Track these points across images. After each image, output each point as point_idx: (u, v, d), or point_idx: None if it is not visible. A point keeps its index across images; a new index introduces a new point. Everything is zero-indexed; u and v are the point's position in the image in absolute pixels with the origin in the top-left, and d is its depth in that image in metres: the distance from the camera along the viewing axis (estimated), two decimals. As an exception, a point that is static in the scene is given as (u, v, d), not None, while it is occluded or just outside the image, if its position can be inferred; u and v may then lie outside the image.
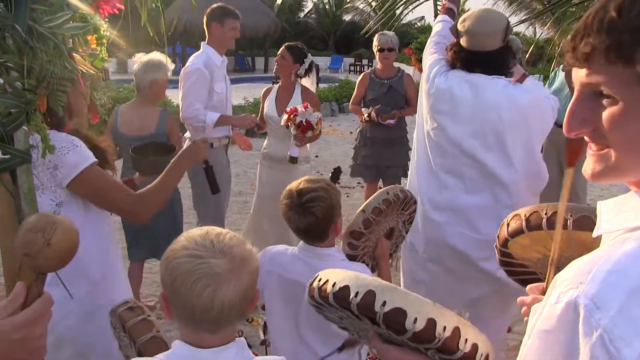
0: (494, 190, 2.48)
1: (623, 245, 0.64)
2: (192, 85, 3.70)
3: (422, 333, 0.95)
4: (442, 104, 2.52)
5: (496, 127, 2.40)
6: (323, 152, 8.99)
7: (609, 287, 0.60)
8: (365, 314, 1.01)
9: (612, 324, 0.58)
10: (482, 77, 2.42)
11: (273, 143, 4.10)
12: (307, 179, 1.90)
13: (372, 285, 1.02)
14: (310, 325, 1.90)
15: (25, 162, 1.45)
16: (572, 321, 0.61)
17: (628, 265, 0.61)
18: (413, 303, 0.98)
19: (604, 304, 0.59)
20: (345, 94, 12.92)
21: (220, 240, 1.14)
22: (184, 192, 6.35)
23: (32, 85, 1.45)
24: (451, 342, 0.95)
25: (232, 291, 1.10)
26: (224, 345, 1.14)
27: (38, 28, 1.43)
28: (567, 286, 0.64)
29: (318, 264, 1.86)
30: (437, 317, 0.96)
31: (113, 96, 8.59)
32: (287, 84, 4.09)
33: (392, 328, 0.98)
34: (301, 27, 31.82)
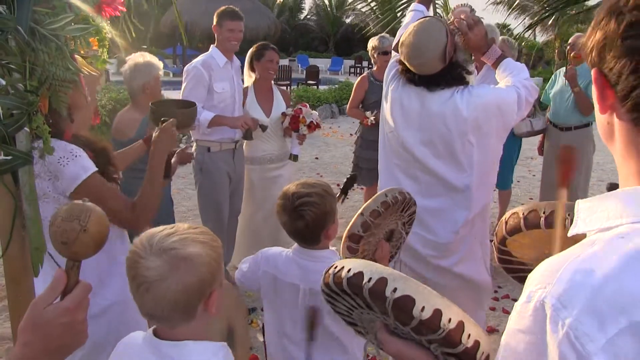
0: (449, 194, 2.50)
1: (592, 246, 0.66)
2: (188, 83, 3.73)
3: (427, 322, 0.98)
4: (395, 111, 2.54)
5: (444, 136, 2.41)
6: (323, 154, 8.99)
7: (575, 285, 0.62)
8: (376, 299, 1.04)
9: (577, 322, 0.61)
10: (428, 91, 2.41)
11: (260, 145, 4.11)
12: (305, 182, 1.90)
13: (385, 273, 1.05)
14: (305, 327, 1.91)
15: (27, 163, 1.46)
16: (541, 320, 0.64)
17: (594, 264, 0.63)
18: (422, 293, 1.01)
19: (569, 302, 0.62)
20: (345, 95, 12.94)
21: (163, 240, 1.15)
22: (185, 194, 6.38)
23: (34, 87, 1.45)
24: (455, 334, 0.97)
25: (166, 290, 1.12)
26: (184, 341, 1.18)
27: (40, 30, 1.44)
28: (536, 285, 0.66)
29: (312, 266, 1.86)
30: (443, 309, 0.98)
31: (113, 97, 8.59)
32: (266, 85, 4.14)
33: (400, 316, 1.01)
34: (301, 29, 31.86)
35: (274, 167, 4.16)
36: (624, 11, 0.68)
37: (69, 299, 0.92)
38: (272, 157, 4.15)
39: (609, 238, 0.66)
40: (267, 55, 4.00)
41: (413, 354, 1.04)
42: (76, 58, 1.64)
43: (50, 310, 0.90)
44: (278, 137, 4.16)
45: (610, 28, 0.69)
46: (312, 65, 19.67)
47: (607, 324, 0.60)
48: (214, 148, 3.89)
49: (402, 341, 1.06)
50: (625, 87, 0.68)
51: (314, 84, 17.26)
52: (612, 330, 0.60)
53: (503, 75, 2.49)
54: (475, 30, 2.41)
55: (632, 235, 0.65)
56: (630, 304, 0.60)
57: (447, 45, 2.30)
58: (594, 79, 0.73)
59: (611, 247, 0.65)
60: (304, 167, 7.78)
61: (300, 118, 3.98)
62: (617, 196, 0.70)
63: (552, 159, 4.91)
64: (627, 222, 0.66)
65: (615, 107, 0.71)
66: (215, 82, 3.78)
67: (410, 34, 2.35)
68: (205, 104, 3.77)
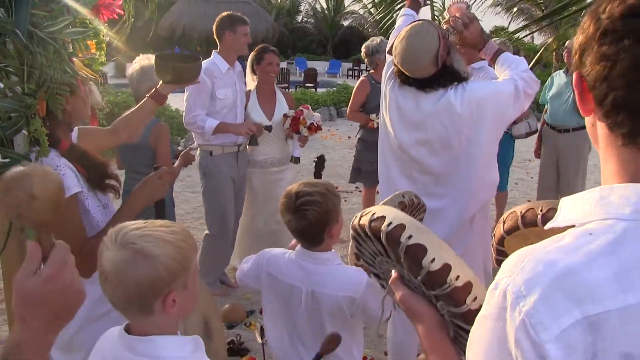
0: (447, 193, 2.50)
1: (561, 240, 0.69)
2: (191, 90, 3.72)
3: (435, 274, 0.99)
4: (392, 112, 2.56)
5: (440, 134, 2.42)
6: (321, 156, 8.98)
7: (535, 275, 0.65)
8: (392, 244, 1.05)
9: (533, 310, 0.63)
10: (422, 91, 2.42)
11: (262, 149, 4.12)
12: (307, 182, 1.90)
13: (406, 220, 1.06)
14: (307, 329, 1.91)
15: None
16: (503, 307, 0.66)
17: (557, 257, 0.66)
18: (436, 247, 1.02)
19: (529, 291, 0.64)
20: (343, 98, 12.95)
21: (128, 233, 1.17)
22: (183, 197, 6.38)
23: (32, 90, 1.45)
24: (460, 293, 0.98)
25: (119, 283, 1.14)
26: (150, 337, 1.19)
27: (38, 33, 1.44)
28: (504, 274, 0.68)
29: (314, 267, 1.87)
30: (454, 266, 0.99)
31: (111, 100, 8.58)
32: (268, 88, 4.14)
33: (411, 265, 1.03)
34: (299, 32, 31.90)
35: (275, 170, 4.17)
36: (601, 17, 0.69)
37: (47, 265, 0.89)
38: (274, 160, 4.16)
39: (578, 233, 0.68)
40: (266, 58, 4.01)
41: (420, 309, 1.06)
42: (74, 61, 1.65)
43: (32, 282, 0.88)
44: (280, 141, 4.17)
45: (589, 32, 0.71)
46: (310, 68, 19.68)
47: (562, 315, 0.62)
48: (216, 152, 3.90)
49: (412, 293, 1.08)
50: (600, 93, 0.70)
51: (312, 87, 17.26)
52: (567, 321, 0.62)
53: (502, 69, 2.48)
54: (471, 27, 2.41)
55: (600, 232, 0.66)
56: (588, 297, 0.62)
57: (439, 49, 2.31)
58: (574, 82, 0.74)
59: (578, 242, 0.67)
60: (302, 170, 7.78)
61: (300, 120, 3.98)
62: (594, 193, 0.71)
63: (549, 162, 4.92)
64: (598, 219, 0.68)
65: (596, 111, 0.73)
66: (218, 89, 3.78)
67: (402, 39, 2.36)
68: (208, 110, 3.78)
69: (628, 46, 0.66)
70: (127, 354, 1.21)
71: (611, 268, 0.63)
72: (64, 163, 1.70)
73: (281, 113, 4.08)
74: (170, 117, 8.52)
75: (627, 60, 0.66)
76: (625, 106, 0.68)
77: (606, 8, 0.69)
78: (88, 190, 1.80)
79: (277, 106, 4.11)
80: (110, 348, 1.28)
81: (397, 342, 2.76)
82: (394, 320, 2.70)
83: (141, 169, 3.21)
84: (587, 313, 0.61)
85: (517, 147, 5.22)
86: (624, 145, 0.70)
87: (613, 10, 0.68)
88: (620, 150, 0.71)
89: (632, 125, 0.68)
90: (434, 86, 2.39)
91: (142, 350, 1.20)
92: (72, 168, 1.73)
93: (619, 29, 0.67)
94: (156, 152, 3.18)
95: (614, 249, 0.64)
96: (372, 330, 3.32)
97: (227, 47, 3.85)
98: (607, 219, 0.67)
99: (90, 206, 1.80)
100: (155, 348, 1.20)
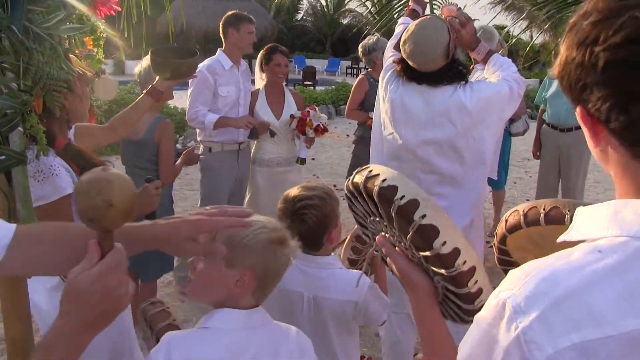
0: (452, 192, 2.50)
1: (568, 256, 0.67)
2: (194, 87, 3.74)
3: (444, 257, 0.99)
4: (395, 112, 2.54)
5: (448, 132, 2.43)
6: (319, 154, 8.98)
7: (537, 294, 0.64)
8: (402, 219, 1.03)
9: (529, 328, 0.63)
10: (431, 87, 2.43)
11: (269, 148, 4.12)
12: (306, 185, 1.88)
13: (419, 196, 1.04)
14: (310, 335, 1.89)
15: (20, 163, 1.44)
16: (499, 318, 0.66)
17: (562, 275, 0.64)
18: (449, 228, 1.01)
19: (528, 308, 0.63)
20: (342, 96, 12.94)
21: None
22: (181, 194, 6.36)
23: (28, 87, 1.44)
24: (464, 277, 0.99)
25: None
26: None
27: (34, 29, 1.43)
28: (507, 285, 0.68)
29: (315, 272, 1.85)
30: (462, 250, 0.99)
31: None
32: (277, 87, 4.12)
33: (418, 242, 1.02)
34: (298, 30, 31.87)
35: (281, 170, 4.15)
36: (597, 50, 0.64)
37: (100, 264, 0.89)
38: (280, 160, 4.14)
39: (588, 250, 0.66)
40: (274, 59, 3.99)
41: (416, 279, 1.06)
42: (71, 57, 1.63)
43: (82, 278, 0.87)
44: (287, 140, 4.15)
45: (587, 67, 0.66)
46: (309, 66, 19.68)
47: (558, 337, 0.61)
48: (215, 148, 3.92)
49: (410, 263, 1.08)
50: (618, 126, 0.66)
51: (310, 85, 17.25)
52: (562, 343, 0.61)
53: (493, 69, 2.54)
54: (467, 27, 2.46)
55: (610, 250, 0.64)
56: (586, 322, 0.61)
57: (449, 43, 2.34)
58: (580, 117, 0.71)
59: (585, 260, 0.65)
60: (301, 168, 7.77)
61: (307, 121, 3.96)
62: (609, 207, 0.69)
63: (551, 161, 4.91)
64: (610, 235, 0.66)
65: (608, 140, 0.69)
66: (220, 86, 3.79)
67: (412, 33, 2.37)
68: (211, 107, 3.79)
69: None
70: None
71: (614, 291, 0.62)
72: (59, 162, 1.69)
73: (289, 113, 4.06)
74: (168, 115, 8.50)
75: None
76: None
77: (599, 38, 0.64)
78: None
79: (286, 106, 4.09)
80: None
81: (394, 342, 2.75)
82: (390, 321, 2.69)
83: (143, 163, 3.22)
84: (585, 338, 0.61)
85: (516, 147, 5.24)
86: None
87: (610, 39, 0.63)
88: (637, 172, 0.68)
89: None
90: (442, 81, 2.41)
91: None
92: (66, 167, 1.72)
93: (626, 58, 0.63)
94: (160, 148, 3.17)
95: (621, 270, 0.63)
96: (369, 329, 3.31)
97: (230, 45, 3.86)
98: (620, 236, 0.65)
99: None
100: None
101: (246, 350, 1.32)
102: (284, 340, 1.41)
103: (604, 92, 0.65)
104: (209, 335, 1.31)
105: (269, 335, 1.38)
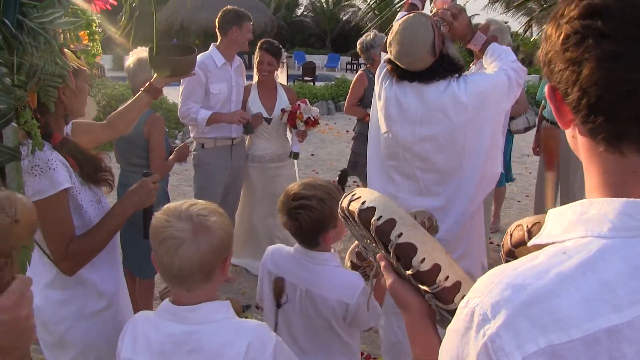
0: (451, 189, 2.48)
1: (533, 260, 0.67)
2: (186, 84, 3.71)
3: (424, 274, 0.99)
4: (391, 109, 2.52)
5: (445, 127, 2.40)
6: (319, 150, 8.97)
7: (502, 300, 0.63)
8: (381, 239, 1.04)
9: (496, 335, 0.62)
10: (423, 84, 2.40)
11: (261, 144, 4.11)
12: (308, 183, 1.83)
13: (397, 215, 1.05)
14: (301, 328, 1.88)
15: (14, 159, 1.42)
16: (469, 327, 0.65)
17: (527, 280, 0.64)
18: (427, 245, 1.01)
19: (494, 315, 0.63)
20: (341, 92, 12.90)
21: (189, 209, 1.34)
22: (180, 190, 6.35)
23: (22, 82, 1.42)
24: (448, 293, 0.98)
25: (190, 253, 1.29)
26: (197, 305, 1.35)
27: (28, 23, 1.40)
28: (474, 294, 0.67)
29: (311, 266, 1.84)
30: (444, 266, 0.99)
31: (108, 93, 8.54)
32: (269, 83, 4.10)
33: (400, 261, 1.02)
34: (298, 26, 31.81)
35: (274, 166, 4.15)
36: (561, 23, 0.69)
37: (5, 295, 0.85)
38: (273, 155, 4.14)
39: (552, 252, 0.66)
40: (259, 56, 3.99)
41: (409, 299, 1.05)
42: (65, 52, 1.61)
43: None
44: (280, 136, 4.14)
45: (553, 40, 0.70)
46: (309, 62, 19.62)
47: (525, 343, 0.61)
48: (208, 145, 3.91)
49: (401, 282, 1.07)
50: (573, 99, 0.67)
51: (310, 81, 17.21)
52: (530, 349, 0.60)
53: (490, 59, 2.48)
54: (460, 19, 2.40)
55: (574, 251, 0.64)
56: (553, 326, 0.60)
57: (434, 39, 2.29)
58: (547, 95, 0.72)
59: (550, 263, 0.65)
60: (300, 164, 7.73)
61: (297, 114, 3.94)
62: (575, 208, 0.69)
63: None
64: (576, 237, 0.66)
65: (575, 122, 0.70)
66: (212, 84, 3.76)
67: (396, 34, 2.33)
68: (203, 104, 3.77)
69: (591, 45, 0.65)
70: (179, 326, 1.34)
71: (579, 293, 0.61)
72: (56, 157, 1.67)
73: (281, 108, 4.05)
74: (167, 111, 8.48)
75: (592, 59, 0.64)
76: (599, 107, 0.65)
77: (564, 12, 0.69)
78: (81, 185, 1.77)
79: (278, 101, 4.08)
80: (152, 325, 1.39)
81: (393, 341, 2.74)
82: (390, 321, 2.68)
83: (135, 160, 3.18)
84: (551, 342, 0.60)
85: (517, 143, 5.21)
86: (606, 151, 0.67)
87: (571, 13, 0.67)
88: (601, 159, 0.69)
89: (610, 128, 0.66)
90: (434, 77, 2.37)
91: (195, 318, 1.35)
92: (64, 162, 1.69)
93: (579, 30, 0.66)
94: (150, 143, 3.12)
95: (585, 270, 0.62)
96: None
97: (228, 42, 3.81)
98: (585, 237, 0.65)
99: (83, 201, 1.77)
100: (207, 314, 1.36)
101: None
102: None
103: (562, 63, 0.68)
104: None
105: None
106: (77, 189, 1.74)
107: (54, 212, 1.67)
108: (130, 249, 2.95)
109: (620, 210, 0.64)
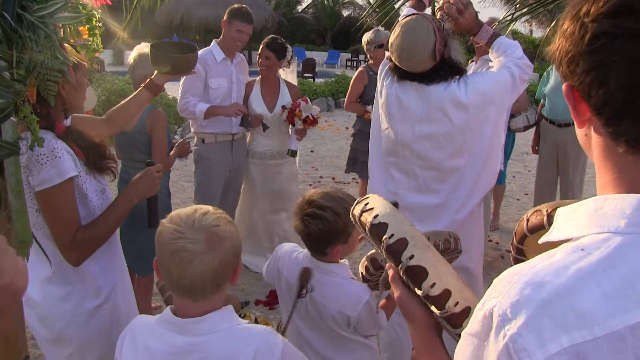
0: (450, 186, 2.47)
1: (551, 257, 0.65)
2: (185, 78, 3.71)
3: (434, 299, 0.98)
4: (391, 106, 2.51)
5: (445, 126, 2.39)
6: (318, 147, 8.96)
7: (522, 299, 0.62)
8: (392, 257, 1.04)
9: (517, 335, 0.60)
10: (424, 84, 2.39)
11: (262, 140, 4.11)
12: (329, 193, 1.79)
13: (409, 235, 1.04)
14: (311, 327, 1.88)
15: (13, 154, 1.41)
16: (488, 328, 0.64)
17: (546, 277, 0.62)
18: (438, 269, 1.00)
19: (514, 315, 0.61)
20: (341, 89, 12.88)
21: (202, 219, 1.30)
22: (179, 186, 6.34)
23: (22, 76, 1.41)
24: (457, 318, 0.97)
25: (204, 266, 1.26)
26: (203, 316, 1.32)
27: (28, 17, 1.40)
28: (491, 294, 0.66)
29: (317, 275, 1.82)
30: (454, 292, 0.98)
31: (108, 88, 8.52)
32: (271, 79, 4.09)
33: (410, 280, 1.02)
34: (298, 22, 31.76)
35: (274, 163, 4.14)
36: (586, 22, 0.65)
37: None
38: (273, 152, 4.13)
39: (570, 249, 0.65)
40: (259, 50, 4.00)
41: (415, 312, 1.05)
42: (65, 47, 1.60)
43: None
44: (280, 133, 4.13)
45: (575, 38, 0.67)
46: (309, 58, 19.61)
47: (547, 342, 0.59)
48: (208, 140, 3.90)
49: (409, 294, 1.07)
50: (598, 101, 0.66)
51: (310, 77, 17.20)
52: (553, 349, 0.59)
53: (497, 54, 2.46)
54: (466, 13, 2.37)
55: (592, 247, 0.63)
56: (575, 323, 0.59)
57: (436, 43, 2.26)
58: (565, 93, 0.71)
59: (569, 260, 0.63)
60: (300, 161, 7.73)
61: (296, 112, 3.94)
62: (588, 205, 0.68)
63: (549, 157, 4.89)
64: (592, 233, 0.65)
65: (592, 121, 0.69)
66: (211, 78, 3.76)
67: (397, 36, 2.31)
68: (202, 99, 3.77)
69: (622, 46, 0.62)
70: (182, 337, 1.31)
71: (600, 289, 0.60)
72: (61, 145, 1.67)
73: (282, 105, 4.05)
74: (167, 106, 8.46)
75: (623, 62, 0.62)
76: (626, 111, 0.64)
77: (590, 10, 0.65)
78: (86, 174, 1.77)
79: (280, 98, 4.07)
80: (153, 335, 1.35)
81: (393, 339, 2.74)
82: (390, 319, 2.68)
83: (137, 155, 3.18)
84: (575, 341, 0.59)
85: (515, 140, 5.19)
86: (626, 152, 0.66)
87: (599, 11, 0.64)
88: (619, 158, 0.67)
89: (635, 131, 0.64)
90: (435, 79, 2.36)
91: (200, 329, 1.31)
92: (69, 151, 1.70)
93: (609, 29, 0.63)
94: (152, 138, 3.13)
95: (606, 266, 0.61)
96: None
97: (222, 37, 3.84)
98: (602, 233, 0.64)
99: (88, 190, 1.77)
100: (212, 324, 1.32)
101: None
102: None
103: (588, 65, 0.65)
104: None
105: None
106: (82, 177, 1.74)
107: (60, 201, 1.68)
108: (129, 245, 2.95)
109: (637, 206, 0.63)
